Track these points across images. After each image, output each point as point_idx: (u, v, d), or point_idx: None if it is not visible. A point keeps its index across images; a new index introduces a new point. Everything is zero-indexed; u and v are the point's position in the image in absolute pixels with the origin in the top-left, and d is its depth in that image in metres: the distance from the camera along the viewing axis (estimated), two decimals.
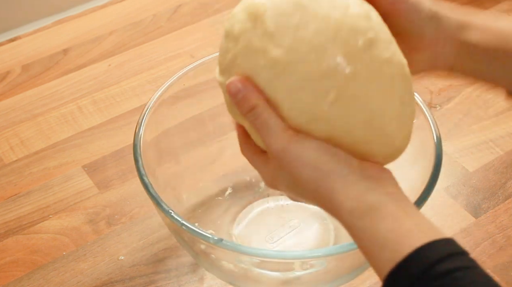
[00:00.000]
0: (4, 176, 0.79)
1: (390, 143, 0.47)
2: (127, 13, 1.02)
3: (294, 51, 0.44)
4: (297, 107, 0.45)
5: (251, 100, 0.46)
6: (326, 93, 0.44)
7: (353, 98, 0.44)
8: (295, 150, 0.45)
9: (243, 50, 0.47)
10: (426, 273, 0.40)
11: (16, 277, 0.69)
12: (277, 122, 0.46)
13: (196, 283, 0.68)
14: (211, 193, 0.74)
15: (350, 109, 0.45)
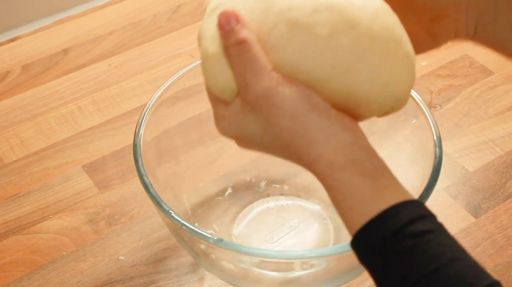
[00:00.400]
0: (4, 176, 0.79)
1: (387, 90, 0.45)
2: (127, 13, 1.02)
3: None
4: (288, 50, 0.44)
5: (241, 32, 0.44)
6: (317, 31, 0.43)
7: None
8: (277, 95, 0.43)
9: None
10: (399, 232, 0.41)
11: (16, 277, 0.69)
12: (265, 62, 0.44)
13: (196, 283, 0.68)
14: (211, 193, 0.74)
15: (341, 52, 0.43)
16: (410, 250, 0.40)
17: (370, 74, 0.44)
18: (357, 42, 0.43)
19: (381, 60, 0.44)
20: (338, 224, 0.71)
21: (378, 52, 0.44)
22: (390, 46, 0.44)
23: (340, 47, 0.43)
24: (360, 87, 0.44)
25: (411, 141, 0.65)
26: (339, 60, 0.44)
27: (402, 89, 0.46)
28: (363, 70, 0.44)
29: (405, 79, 0.46)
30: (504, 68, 0.92)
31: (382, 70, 0.44)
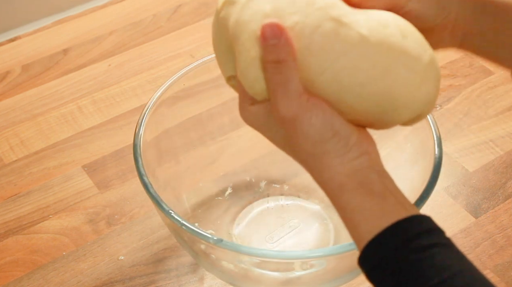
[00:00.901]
0: (4, 176, 0.79)
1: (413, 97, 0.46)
2: (127, 13, 1.02)
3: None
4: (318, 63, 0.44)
5: (282, 51, 0.44)
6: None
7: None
8: (303, 123, 0.45)
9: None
10: (404, 246, 0.41)
11: (16, 277, 0.69)
12: (297, 86, 0.44)
13: (196, 283, 0.68)
14: (211, 193, 0.74)
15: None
16: (417, 263, 0.41)
17: (407, 75, 0.44)
18: (393, 43, 0.44)
19: (414, 63, 0.45)
20: (338, 224, 0.71)
21: (412, 54, 0.44)
22: (421, 49, 0.45)
23: (379, 48, 0.43)
24: (397, 89, 0.45)
25: (411, 141, 0.65)
26: (379, 61, 0.44)
27: (432, 93, 0.46)
28: (400, 72, 0.44)
29: (434, 83, 0.46)
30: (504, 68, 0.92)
31: (416, 73, 0.45)
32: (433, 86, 0.46)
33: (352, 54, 0.43)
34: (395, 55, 0.44)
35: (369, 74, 0.44)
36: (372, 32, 0.43)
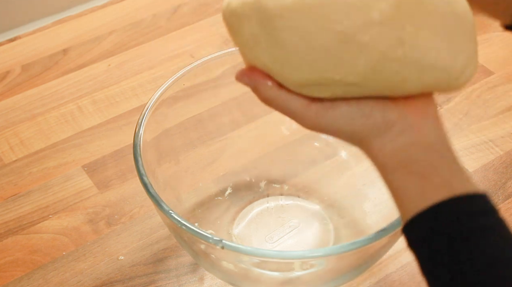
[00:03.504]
0: (4, 176, 0.79)
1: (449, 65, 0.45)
2: (127, 13, 1.02)
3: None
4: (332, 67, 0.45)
5: (261, 93, 0.47)
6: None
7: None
8: (326, 122, 0.46)
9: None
10: (441, 229, 0.41)
11: (16, 277, 0.69)
12: (296, 103, 0.46)
13: (196, 283, 0.68)
14: (211, 193, 0.74)
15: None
16: (460, 245, 0.40)
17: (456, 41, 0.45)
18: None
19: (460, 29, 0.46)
20: (338, 224, 0.71)
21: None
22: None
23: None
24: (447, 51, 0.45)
25: None
26: (426, 20, 0.44)
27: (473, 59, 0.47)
28: (447, 37, 0.45)
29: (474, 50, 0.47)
30: (504, 68, 0.92)
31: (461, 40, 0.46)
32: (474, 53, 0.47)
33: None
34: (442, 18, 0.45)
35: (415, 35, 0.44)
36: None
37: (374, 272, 0.69)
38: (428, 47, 0.44)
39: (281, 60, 0.45)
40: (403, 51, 0.43)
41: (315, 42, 0.44)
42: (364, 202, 0.71)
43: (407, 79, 0.44)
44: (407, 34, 0.43)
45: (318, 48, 0.44)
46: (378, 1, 0.43)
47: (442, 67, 0.44)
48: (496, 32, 0.97)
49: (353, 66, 0.44)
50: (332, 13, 0.43)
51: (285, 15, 0.44)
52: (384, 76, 0.44)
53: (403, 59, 0.44)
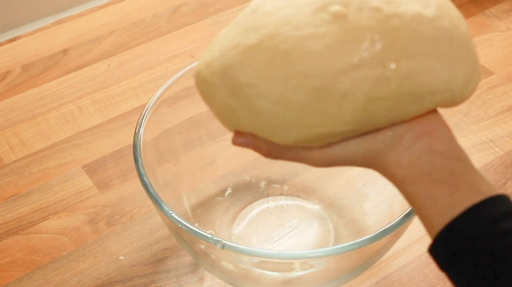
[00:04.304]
0: (4, 176, 0.79)
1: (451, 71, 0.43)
2: (127, 13, 1.02)
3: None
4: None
5: (262, 151, 0.47)
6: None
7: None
8: (335, 157, 0.44)
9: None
10: (480, 233, 0.39)
11: (16, 277, 0.69)
12: (298, 153, 0.45)
13: (196, 283, 0.68)
14: (211, 193, 0.74)
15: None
16: (493, 252, 0.38)
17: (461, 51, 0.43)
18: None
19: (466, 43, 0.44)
20: (338, 224, 0.71)
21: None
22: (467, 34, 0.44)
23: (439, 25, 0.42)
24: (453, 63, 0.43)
25: None
26: (435, 39, 0.42)
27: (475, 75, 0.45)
28: (450, 50, 0.43)
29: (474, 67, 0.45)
30: (504, 68, 0.92)
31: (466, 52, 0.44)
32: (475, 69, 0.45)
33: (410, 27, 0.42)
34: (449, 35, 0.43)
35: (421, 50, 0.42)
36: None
37: (374, 272, 0.69)
38: (421, 74, 0.41)
39: (263, 127, 0.44)
40: (392, 88, 0.41)
41: (291, 103, 0.41)
42: (364, 202, 0.71)
43: (405, 110, 0.42)
44: (391, 69, 0.41)
45: (297, 108, 0.41)
46: (348, 45, 0.40)
47: (443, 88, 0.42)
48: (496, 32, 0.97)
49: (339, 116, 0.41)
50: (301, 68, 0.41)
51: (254, 82, 0.42)
52: (378, 115, 0.42)
53: (395, 95, 0.41)
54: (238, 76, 0.43)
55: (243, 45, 0.43)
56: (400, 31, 0.41)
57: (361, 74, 0.40)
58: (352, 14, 0.41)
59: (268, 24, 0.43)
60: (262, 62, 0.42)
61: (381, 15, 0.41)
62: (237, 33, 0.44)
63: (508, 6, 1.02)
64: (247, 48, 0.43)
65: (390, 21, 0.41)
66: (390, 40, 0.41)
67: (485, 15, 1.00)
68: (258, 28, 0.43)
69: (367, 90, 0.41)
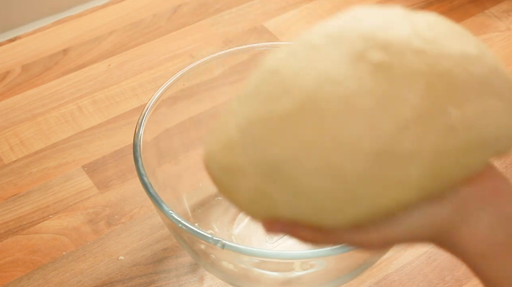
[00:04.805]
0: (4, 176, 0.79)
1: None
2: (127, 13, 1.02)
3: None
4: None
5: (303, 238, 0.39)
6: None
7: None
8: (394, 236, 0.38)
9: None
10: None
11: (16, 277, 0.69)
12: (349, 236, 0.38)
13: (196, 283, 0.68)
14: (211, 193, 0.73)
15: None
16: None
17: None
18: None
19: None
20: None
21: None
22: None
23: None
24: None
25: None
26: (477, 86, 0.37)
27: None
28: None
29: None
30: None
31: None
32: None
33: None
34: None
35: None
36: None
37: (374, 272, 0.68)
38: (484, 117, 0.36)
39: (308, 210, 0.36)
40: (460, 137, 0.35)
41: (345, 175, 0.34)
42: None
43: (470, 163, 0.36)
44: (455, 116, 0.35)
45: (353, 179, 0.34)
46: (402, 96, 0.34)
47: (505, 132, 0.37)
48: (496, 32, 0.97)
49: (405, 181, 0.35)
50: (355, 132, 0.34)
51: (295, 156, 0.35)
52: (445, 173, 0.36)
53: (463, 145, 0.35)
54: (273, 153, 0.35)
55: (275, 114, 0.35)
56: (454, 72, 0.36)
57: (424, 127, 0.34)
58: (395, 59, 0.36)
59: (302, 84, 0.36)
60: (305, 131, 0.35)
61: (428, 58, 0.36)
62: (261, 102, 0.37)
63: (508, 6, 1.01)
64: (282, 117, 0.35)
65: (440, 63, 0.36)
66: (446, 84, 0.35)
67: (485, 15, 1.00)
68: (290, 91, 0.36)
69: (434, 144, 0.35)
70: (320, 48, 0.36)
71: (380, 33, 0.36)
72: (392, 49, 0.36)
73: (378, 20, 0.37)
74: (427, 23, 0.38)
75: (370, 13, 0.38)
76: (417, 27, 0.37)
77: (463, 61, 0.37)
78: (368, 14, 0.38)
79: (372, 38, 0.36)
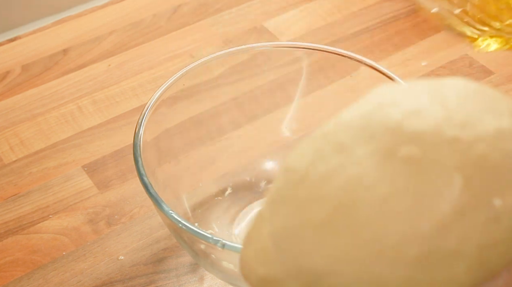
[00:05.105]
0: (4, 176, 0.79)
1: None
2: (127, 13, 1.02)
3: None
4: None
5: None
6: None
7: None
8: None
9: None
10: None
11: (16, 277, 0.69)
12: None
13: (196, 283, 0.68)
14: (211, 193, 0.73)
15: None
16: None
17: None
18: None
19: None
20: None
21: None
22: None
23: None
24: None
25: None
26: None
27: None
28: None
29: None
30: (504, 68, 0.92)
31: None
32: None
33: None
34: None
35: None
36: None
37: None
38: None
39: None
40: (505, 226, 0.33)
41: (389, 283, 0.32)
42: None
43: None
44: (498, 206, 0.33)
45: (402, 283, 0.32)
46: (438, 192, 0.32)
47: None
48: None
49: (452, 280, 0.32)
50: (395, 237, 0.32)
51: (336, 268, 0.33)
52: (492, 263, 0.33)
53: (508, 235, 0.33)
54: (311, 265, 0.33)
55: (308, 223, 0.34)
56: (489, 157, 0.33)
57: (467, 223, 0.32)
58: (429, 153, 0.33)
59: (333, 190, 0.34)
60: (340, 240, 0.33)
61: (462, 145, 0.33)
62: (292, 210, 0.35)
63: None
64: (316, 226, 0.33)
65: (474, 149, 0.33)
66: (483, 172, 0.33)
67: None
68: (322, 198, 0.34)
69: (478, 240, 0.32)
70: (347, 147, 0.35)
71: (409, 124, 0.34)
72: (423, 141, 0.33)
73: (404, 105, 0.35)
74: (457, 95, 0.36)
75: (395, 95, 0.36)
76: (446, 105, 0.35)
77: (498, 140, 0.34)
78: (393, 96, 0.36)
79: (401, 130, 0.34)
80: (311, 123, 0.75)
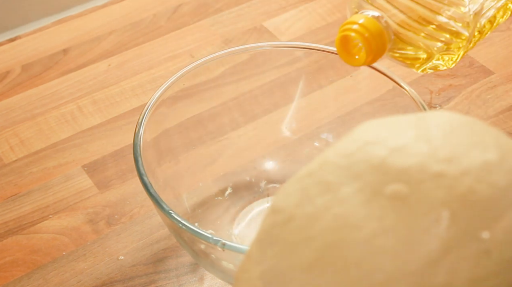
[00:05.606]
0: (4, 176, 0.79)
1: None
2: (127, 13, 1.02)
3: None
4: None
5: None
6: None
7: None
8: None
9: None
10: None
11: (16, 277, 0.69)
12: None
13: (196, 283, 0.68)
14: (211, 193, 0.74)
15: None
16: None
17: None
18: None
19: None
20: None
21: None
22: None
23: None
24: None
25: None
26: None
27: None
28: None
29: None
30: (504, 68, 0.92)
31: None
32: None
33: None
34: None
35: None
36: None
37: None
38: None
39: None
40: (494, 259, 0.33)
41: None
42: None
43: (508, 278, 0.33)
44: (486, 239, 0.32)
45: None
46: (426, 228, 0.32)
47: None
48: (496, 32, 0.97)
49: None
50: (382, 275, 0.32)
51: None
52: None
53: (498, 267, 0.33)
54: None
55: (297, 265, 0.34)
56: (476, 190, 0.33)
57: (456, 258, 0.32)
58: (415, 189, 0.33)
59: (320, 230, 0.34)
60: (331, 280, 0.33)
61: (447, 180, 0.33)
62: (280, 252, 0.35)
63: None
64: (305, 268, 0.33)
65: (460, 183, 0.33)
66: (470, 205, 0.33)
67: None
68: (309, 239, 0.34)
69: (467, 273, 0.32)
70: (333, 186, 0.34)
71: (394, 161, 0.34)
72: (409, 178, 0.33)
73: (389, 142, 0.35)
74: (442, 130, 0.35)
75: (379, 132, 0.36)
76: (431, 140, 0.35)
77: (484, 173, 0.34)
78: (377, 133, 0.36)
79: (386, 168, 0.34)
80: (311, 123, 0.75)
